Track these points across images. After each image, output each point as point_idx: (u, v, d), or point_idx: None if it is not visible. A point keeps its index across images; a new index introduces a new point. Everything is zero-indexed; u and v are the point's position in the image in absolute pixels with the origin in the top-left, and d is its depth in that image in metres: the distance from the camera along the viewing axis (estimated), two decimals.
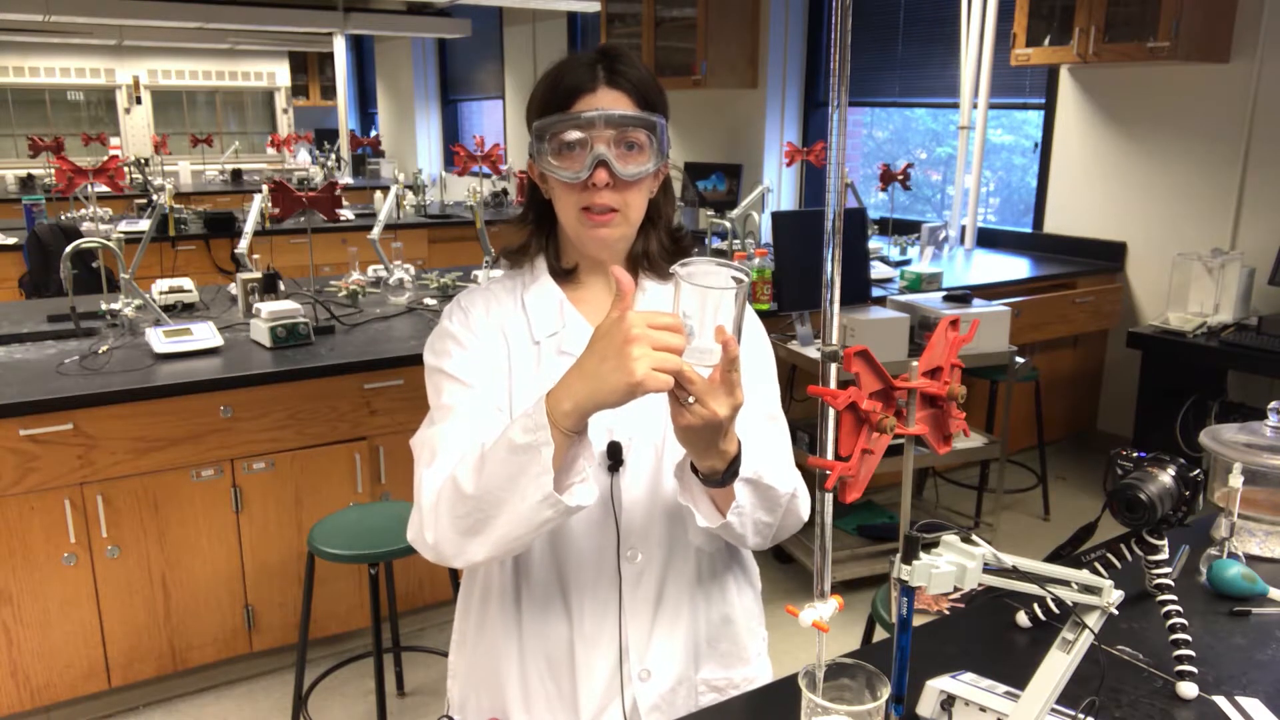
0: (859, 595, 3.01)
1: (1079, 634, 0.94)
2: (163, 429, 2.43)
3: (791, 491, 1.18)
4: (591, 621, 1.20)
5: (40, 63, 10.07)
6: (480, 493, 1.05)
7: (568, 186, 1.16)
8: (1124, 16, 3.84)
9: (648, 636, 1.21)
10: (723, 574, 1.28)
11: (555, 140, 1.16)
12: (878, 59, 5.44)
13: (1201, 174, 4.05)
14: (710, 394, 0.98)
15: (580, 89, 1.15)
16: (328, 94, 11.33)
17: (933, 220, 5.05)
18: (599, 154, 1.13)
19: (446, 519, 1.09)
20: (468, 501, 1.06)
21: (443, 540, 1.11)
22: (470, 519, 1.07)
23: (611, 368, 0.95)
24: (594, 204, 1.15)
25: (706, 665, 1.26)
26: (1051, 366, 4.19)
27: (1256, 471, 1.46)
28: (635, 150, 1.16)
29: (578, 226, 1.18)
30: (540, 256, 1.27)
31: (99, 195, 5.41)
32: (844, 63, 0.87)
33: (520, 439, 1.01)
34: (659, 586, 1.21)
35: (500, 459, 1.03)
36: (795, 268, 3.09)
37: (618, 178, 1.14)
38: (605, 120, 1.13)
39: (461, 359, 1.21)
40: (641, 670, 1.21)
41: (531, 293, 1.25)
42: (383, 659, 2.29)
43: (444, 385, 1.20)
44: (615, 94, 1.16)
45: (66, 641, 2.43)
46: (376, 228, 3.70)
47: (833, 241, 0.92)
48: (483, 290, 1.29)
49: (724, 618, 1.28)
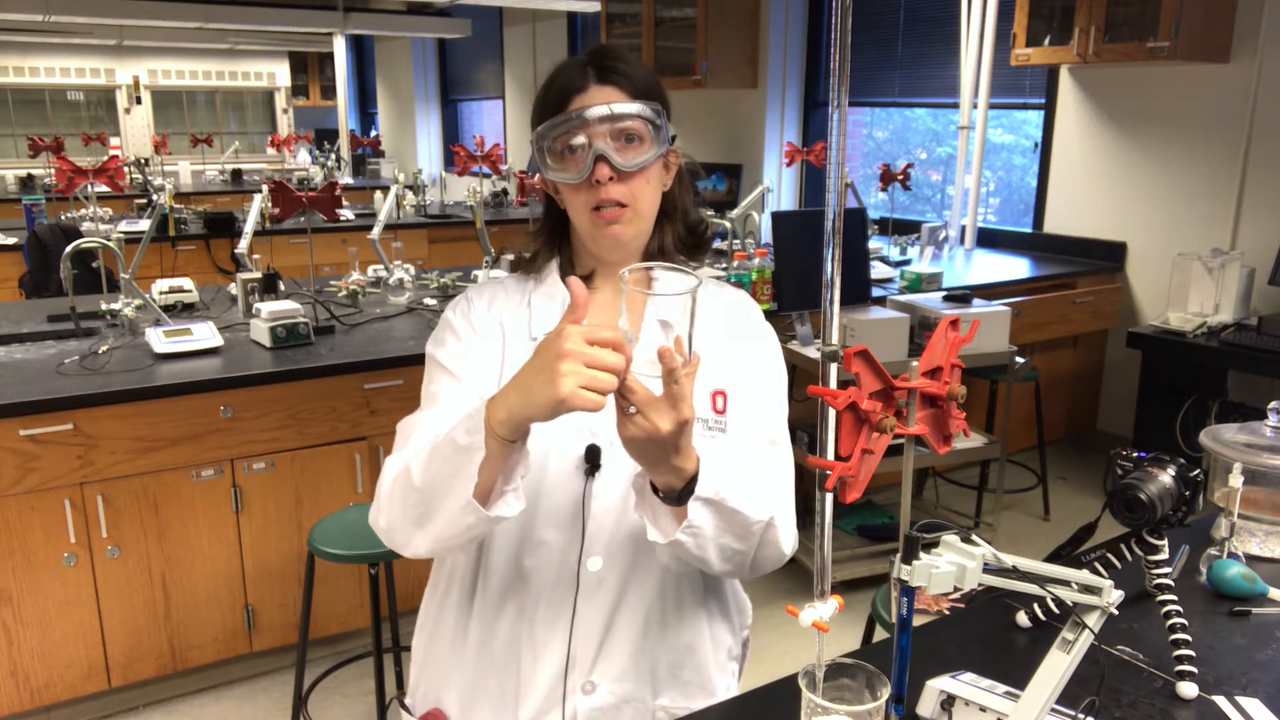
0: (859, 595, 3.01)
1: (1079, 634, 0.94)
2: (163, 429, 2.43)
3: (766, 520, 1.12)
4: (543, 625, 1.17)
5: (40, 63, 10.07)
6: (424, 485, 1.05)
7: (575, 189, 1.16)
8: (1124, 16, 3.84)
9: (596, 648, 1.18)
10: (691, 600, 1.24)
11: (555, 145, 1.15)
12: (878, 59, 5.44)
13: (1201, 174, 4.05)
14: (653, 406, 0.95)
15: (571, 90, 1.15)
16: (328, 94, 11.33)
17: (933, 220, 5.05)
18: (597, 149, 1.12)
19: (398, 506, 1.10)
20: (415, 493, 1.06)
21: (394, 528, 1.12)
22: (417, 510, 1.07)
23: (542, 381, 0.93)
24: (602, 201, 1.14)
25: (666, 692, 1.22)
26: (1051, 366, 4.19)
27: (1256, 471, 1.46)
28: (635, 142, 1.15)
29: (590, 228, 1.18)
30: (553, 262, 1.27)
31: (99, 195, 5.41)
32: (844, 63, 0.87)
33: (462, 440, 1.00)
34: (616, 599, 1.18)
35: (444, 455, 1.03)
36: (795, 268, 3.09)
37: (619, 170, 1.13)
38: (597, 116, 1.12)
39: (455, 350, 1.21)
40: (586, 683, 1.18)
41: (539, 293, 1.25)
42: (383, 659, 2.29)
43: (434, 374, 1.21)
44: (608, 90, 1.15)
45: (66, 641, 2.44)
46: (376, 228, 3.70)
47: (833, 241, 0.92)
48: (492, 284, 1.29)
49: (688, 645, 1.23)
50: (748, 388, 1.24)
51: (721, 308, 1.28)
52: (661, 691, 1.22)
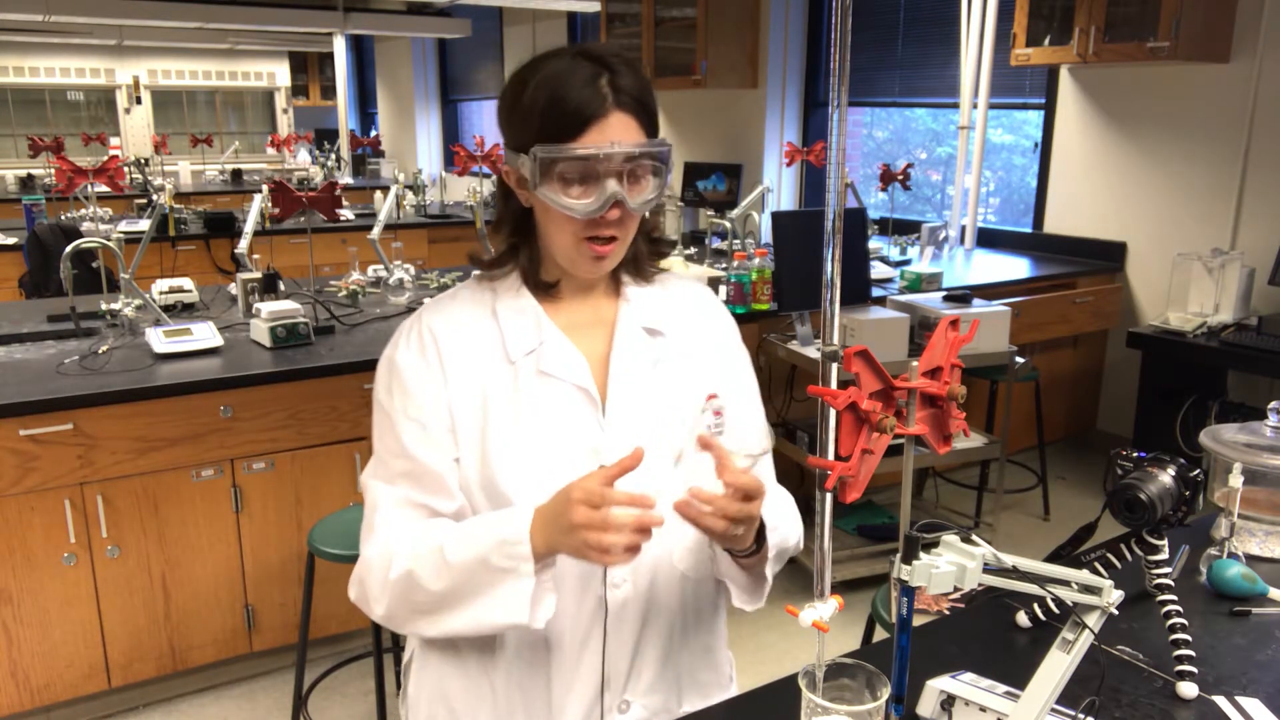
0: (859, 595, 3.01)
1: (1079, 634, 0.94)
2: (163, 429, 2.43)
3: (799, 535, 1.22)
4: (571, 653, 1.15)
5: (40, 63, 10.06)
6: (444, 591, 1.08)
7: (568, 215, 1.09)
8: (1124, 16, 3.84)
9: (629, 667, 1.17)
10: (709, 605, 1.25)
11: (564, 171, 1.08)
12: (878, 59, 5.44)
13: (1201, 174, 4.05)
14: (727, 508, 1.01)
15: (589, 114, 1.06)
16: (328, 94, 11.32)
17: (933, 220, 5.05)
18: (615, 193, 1.07)
19: (400, 603, 1.11)
20: (428, 595, 1.09)
21: (394, 617, 1.13)
22: (426, 606, 1.10)
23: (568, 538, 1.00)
24: (600, 235, 1.10)
25: (689, 697, 1.23)
26: (1051, 366, 4.19)
27: (1256, 471, 1.46)
28: (643, 180, 1.11)
29: (575, 254, 1.12)
30: (515, 269, 1.20)
31: (99, 195, 5.41)
32: (844, 63, 0.87)
33: (498, 562, 1.04)
34: (643, 615, 1.17)
35: (471, 570, 1.06)
36: (795, 268, 3.09)
37: (630, 211, 1.10)
38: (622, 156, 1.07)
39: (407, 404, 1.15)
40: (621, 702, 1.18)
41: (505, 304, 1.18)
42: (383, 659, 2.29)
43: (385, 431, 1.18)
44: (625, 118, 1.08)
45: (66, 641, 2.43)
46: (376, 228, 3.70)
47: (833, 241, 0.92)
48: (447, 305, 1.20)
49: (705, 647, 1.25)
50: (735, 391, 1.25)
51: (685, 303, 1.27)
52: (686, 697, 1.23)
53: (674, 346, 1.21)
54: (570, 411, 1.15)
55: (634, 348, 1.19)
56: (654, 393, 1.18)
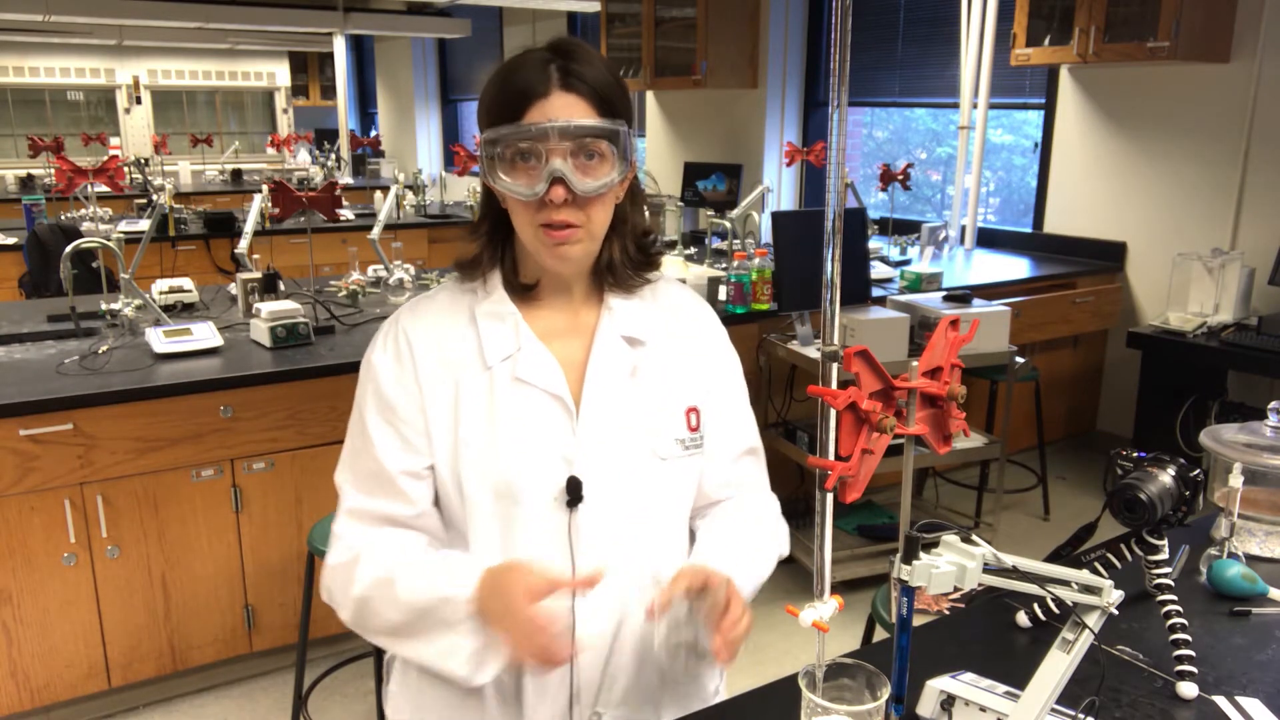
0: (859, 595, 3.01)
1: (1079, 634, 0.94)
2: (163, 429, 2.43)
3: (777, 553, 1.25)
4: None
5: (40, 63, 10.07)
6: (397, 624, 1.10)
7: (523, 202, 1.07)
8: (1124, 16, 3.84)
9: (599, 678, 1.16)
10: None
11: (505, 153, 1.06)
12: (878, 59, 5.44)
13: (1201, 174, 4.05)
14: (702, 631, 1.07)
15: (531, 93, 1.04)
16: (328, 94, 11.32)
17: (933, 220, 5.05)
18: (555, 170, 1.03)
19: (360, 619, 1.14)
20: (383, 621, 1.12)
21: (358, 629, 1.16)
22: (383, 630, 1.13)
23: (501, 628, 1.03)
24: (553, 220, 1.06)
25: (668, 708, 1.21)
26: (1051, 366, 4.19)
27: (1256, 471, 1.46)
28: (596, 160, 1.06)
29: (536, 244, 1.09)
30: (495, 270, 1.18)
31: (99, 195, 5.40)
32: (844, 63, 0.87)
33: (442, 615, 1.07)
34: (615, 626, 1.16)
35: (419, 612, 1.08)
36: (795, 268, 3.09)
37: (576, 193, 1.05)
38: (560, 132, 1.03)
39: (380, 407, 1.16)
40: (593, 714, 1.16)
41: (484, 309, 1.16)
42: (383, 659, 2.29)
43: (358, 432, 1.21)
44: (570, 98, 1.05)
45: (66, 641, 2.43)
46: (376, 228, 3.70)
47: (833, 241, 0.92)
48: (425, 307, 1.19)
49: None
50: (720, 398, 1.24)
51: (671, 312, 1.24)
52: (664, 708, 1.21)
53: (655, 356, 1.19)
54: (543, 419, 1.13)
55: (612, 356, 1.16)
56: (630, 402, 1.16)
